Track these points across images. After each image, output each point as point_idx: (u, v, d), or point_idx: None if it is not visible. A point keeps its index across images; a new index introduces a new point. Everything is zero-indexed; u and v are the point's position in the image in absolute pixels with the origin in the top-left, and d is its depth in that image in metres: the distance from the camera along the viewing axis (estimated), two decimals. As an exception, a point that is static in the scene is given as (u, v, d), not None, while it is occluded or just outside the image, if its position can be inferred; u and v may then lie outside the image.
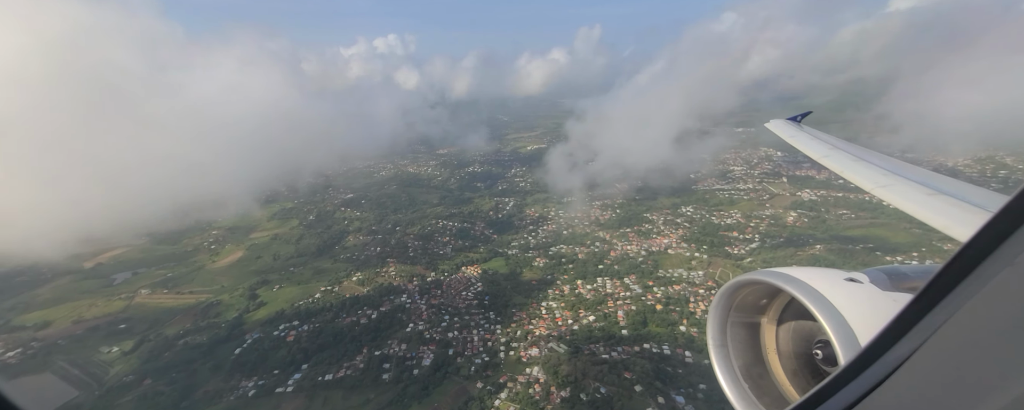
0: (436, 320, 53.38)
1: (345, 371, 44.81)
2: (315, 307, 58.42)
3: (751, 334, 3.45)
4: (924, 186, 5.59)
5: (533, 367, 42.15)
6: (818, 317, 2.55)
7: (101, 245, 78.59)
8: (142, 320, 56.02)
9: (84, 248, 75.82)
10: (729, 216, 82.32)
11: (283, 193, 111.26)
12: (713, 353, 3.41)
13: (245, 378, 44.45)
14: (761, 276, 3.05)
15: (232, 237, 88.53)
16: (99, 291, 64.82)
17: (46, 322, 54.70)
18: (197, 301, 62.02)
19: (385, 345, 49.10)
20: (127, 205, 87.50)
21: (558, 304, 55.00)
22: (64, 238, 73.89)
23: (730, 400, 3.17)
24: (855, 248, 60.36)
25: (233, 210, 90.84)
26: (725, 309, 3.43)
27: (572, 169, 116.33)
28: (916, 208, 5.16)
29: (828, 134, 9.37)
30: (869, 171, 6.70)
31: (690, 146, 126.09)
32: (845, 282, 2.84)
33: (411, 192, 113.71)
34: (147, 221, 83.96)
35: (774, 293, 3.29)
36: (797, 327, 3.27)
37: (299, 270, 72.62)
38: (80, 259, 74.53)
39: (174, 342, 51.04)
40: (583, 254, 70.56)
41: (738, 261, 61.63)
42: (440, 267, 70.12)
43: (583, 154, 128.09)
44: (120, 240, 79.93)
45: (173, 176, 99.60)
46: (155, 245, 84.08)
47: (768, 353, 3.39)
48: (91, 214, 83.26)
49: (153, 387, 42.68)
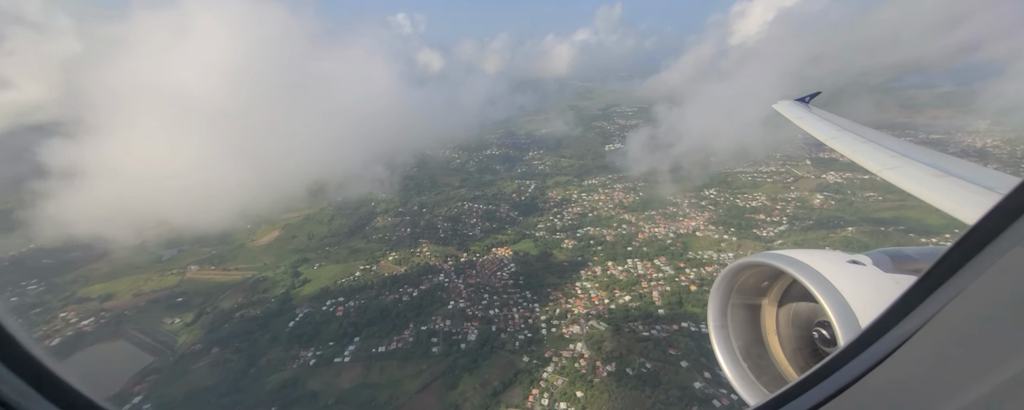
0: (476, 298, 55.81)
1: (396, 344, 47.66)
2: (357, 284, 61.21)
3: (752, 315, 3.49)
4: (933, 168, 5.56)
5: (576, 343, 44.52)
6: (819, 298, 2.59)
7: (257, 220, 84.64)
8: (196, 294, 59.35)
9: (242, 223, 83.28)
10: (754, 199, 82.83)
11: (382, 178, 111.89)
12: (713, 334, 3.46)
13: (303, 348, 47.54)
14: (763, 258, 3.09)
15: (266, 218, 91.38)
16: (151, 266, 68.30)
17: (109, 294, 58.27)
18: (243, 277, 65.18)
19: (430, 321, 51.77)
20: (279, 184, 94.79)
21: (592, 284, 57.01)
22: (229, 213, 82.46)
23: (729, 379, 3.26)
24: (888, 230, 60.98)
25: (354, 192, 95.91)
26: (726, 291, 3.47)
27: (653, 153, 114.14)
28: (924, 190, 5.15)
29: (837, 115, 9.35)
30: (877, 153, 6.66)
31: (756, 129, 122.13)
32: (848, 264, 2.87)
33: (432, 174, 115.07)
34: (288, 200, 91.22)
35: (776, 275, 3.31)
36: (798, 309, 3.31)
37: (335, 249, 75.28)
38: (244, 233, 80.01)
39: (231, 315, 54.28)
40: (611, 236, 72.07)
41: (768, 243, 62.80)
42: (471, 248, 72.23)
43: (666, 138, 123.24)
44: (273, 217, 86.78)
45: (310, 159, 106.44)
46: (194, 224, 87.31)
47: (768, 334, 3.42)
48: (253, 192, 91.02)
49: (221, 355, 46.01)
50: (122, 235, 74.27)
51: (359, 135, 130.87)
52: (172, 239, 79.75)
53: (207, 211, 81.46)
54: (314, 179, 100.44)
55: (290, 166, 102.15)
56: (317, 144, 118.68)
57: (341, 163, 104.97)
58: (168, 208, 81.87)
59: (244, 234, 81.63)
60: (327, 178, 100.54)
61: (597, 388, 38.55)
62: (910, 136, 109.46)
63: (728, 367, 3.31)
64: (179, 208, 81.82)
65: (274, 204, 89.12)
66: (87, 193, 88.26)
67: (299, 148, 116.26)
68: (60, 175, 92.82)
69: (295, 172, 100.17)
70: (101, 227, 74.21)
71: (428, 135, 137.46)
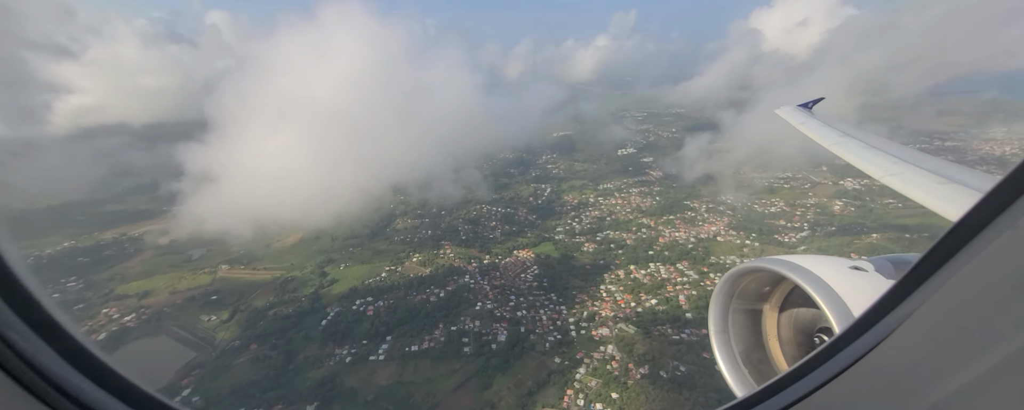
0: (502, 300, 56.88)
1: (428, 343, 48.81)
2: (384, 285, 62.51)
3: (753, 321, 3.50)
4: (935, 175, 5.54)
5: (607, 345, 45.40)
6: (821, 304, 2.59)
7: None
8: (230, 292, 60.93)
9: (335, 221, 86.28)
10: (772, 205, 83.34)
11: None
12: (714, 339, 3.46)
13: (338, 346, 48.81)
14: (765, 264, 3.11)
15: (357, 216, 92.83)
16: (182, 265, 70.10)
17: (146, 292, 60.02)
18: (272, 277, 66.74)
19: (459, 321, 52.88)
20: (367, 185, 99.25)
21: (617, 287, 57.87)
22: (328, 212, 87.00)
23: (730, 384, 3.26)
24: (913, 237, 61.32)
25: (436, 192, 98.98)
26: (727, 296, 3.47)
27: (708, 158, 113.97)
28: (926, 197, 5.17)
29: (840, 121, 9.33)
30: (880, 159, 6.63)
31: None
32: (850, 270, 2.87)
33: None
34: (375, 200, 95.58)
35: (777, 281, 3.33)
36: (799, 315, 3.30)
37: (358, 250, 76.72)
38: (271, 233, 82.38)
39: (264, 313, 55.76)
40: (631, 240, 72.92)
41: (791, 249, 63.31)
42: (493, 250, 73.39)
43: (725, 144, 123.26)
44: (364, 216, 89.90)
45: (395, 160, 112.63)
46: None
47: (769, 339, 3.43)
48: (349, 192, 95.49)
49: (260, 351, 47.40)
50: (241, 230, 79.28)
51: (429, 138, 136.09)
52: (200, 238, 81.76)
53: (308, 209, 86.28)
54: (398, 179, 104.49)
55: (379, 167, 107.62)
56: (400, 146, 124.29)
57: (420, 164, 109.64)
58: (278, 207, 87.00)
59: (271, 235, 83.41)
60: (409, 178, 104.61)
61: (632, 390, 39.37)
62: (925, 143, 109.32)
63: (729, 372, 3.30)
64: (285, 207, 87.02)
65: (365, 203, 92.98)
66: (216, 192, 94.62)
67: (386, 150, 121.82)
68: (194, 176, 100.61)
69: (381, 173, 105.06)
70: (225, 223, 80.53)
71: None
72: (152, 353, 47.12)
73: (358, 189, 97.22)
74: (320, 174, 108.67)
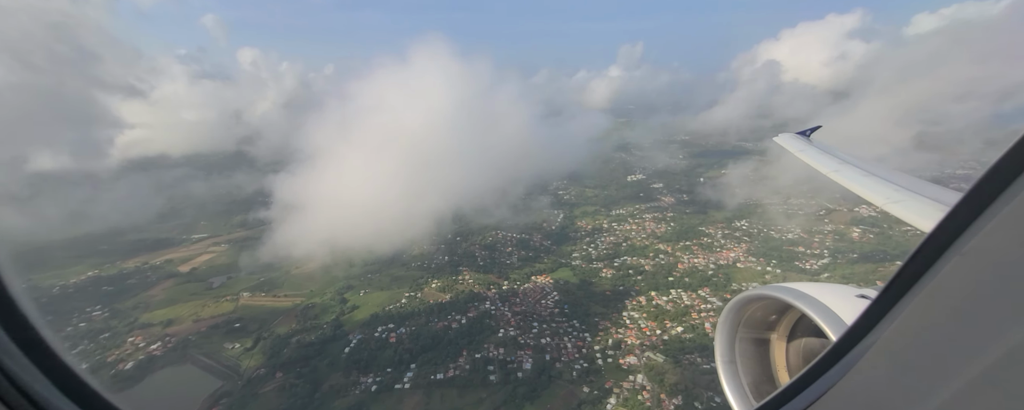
0: (525, 327, 56.56)
1: (453, 371, 48.34)
2: (405, 311, 62.52)
3: (761, 350, 3.37)
4: (937, 202, 5.50)
5: (636, 375, 44.73)
6: (830, 335, 2.52)
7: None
8: (252, 320, 61.17)
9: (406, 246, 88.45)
10: (789, 231, 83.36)
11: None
12: (721, 369, 3.33)
13: (362, 374, 48.45)
14: (770, 291, 3.05)
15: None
16: (204, 293, 70.72)
17: (170, 320, 60.42)
18: (293, 304, 67.06)
19: (482, 348, 52.49)
20: (432, 211, 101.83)
21: (640, 314, 57.48)
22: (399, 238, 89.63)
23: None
24: None
25: (496, 216, 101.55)
26: (733, 324, 3.37)
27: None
28: (929, 224, 5.24)
29: (837, 149, 9.40)
30: (880, 186, 6.61)
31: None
32: (857, 299, 2.81)
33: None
34: (437, 224, 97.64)
35: (783, 309, 3.24)
36: (808, 344, 3.18)
37: (376, 276, 77.15)
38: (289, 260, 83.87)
39: (287, 340, 55.74)
40: (649, 266, 72.89)
41: (814, 276, 62.93)
42: (511, 276, 73.55)
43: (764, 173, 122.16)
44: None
45: (453, 187, 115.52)
46: (237, 251, 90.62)
47: (778, 370, 3.29)
48: (414, 219, 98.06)
49: (286, 380, 47.15)
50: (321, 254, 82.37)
51: (482, 166, 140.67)
52: (219, 265, 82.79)
53: (380, 235, 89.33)
54: (457, 205, 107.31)
55: (441, 193, 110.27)
56: (460, 174, 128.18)
57: (474, 191, 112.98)
58: (352, 234, 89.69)
59: (289, 262, 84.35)
60: (465, 204, 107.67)
61: (666, 420, 38.57)
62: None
63: (737, 405, 3.18)
64: (359, 233, 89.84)
65: (428, 229, 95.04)
66: (302, 219, 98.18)
67: (447, 178, 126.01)
68: (281, 205, 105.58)
69: (444, 199, 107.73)
70: (307, 247, 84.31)
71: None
72: (179, 382, 47.01)
73: (420, 215, 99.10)
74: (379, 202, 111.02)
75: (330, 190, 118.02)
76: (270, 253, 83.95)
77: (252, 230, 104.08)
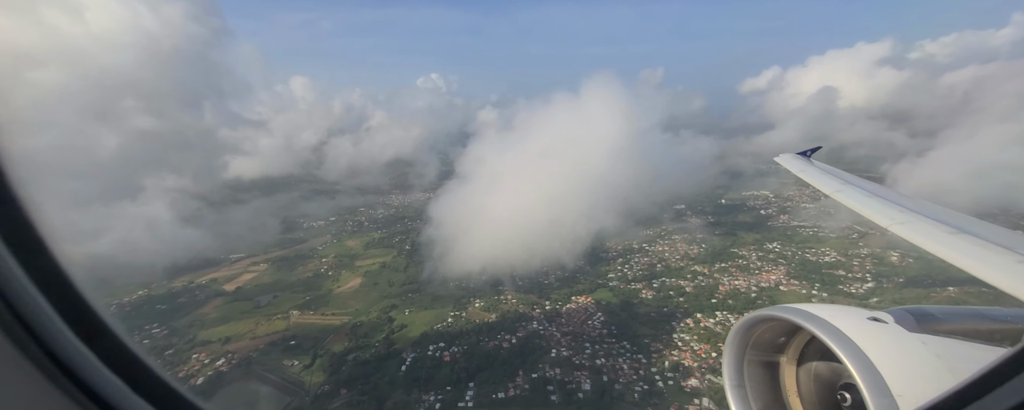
0: (577, 347, 57.23)
1: (513, 391, 48.99)
2: (453, 330, 63.59)
3: (770, 374, 3.31)
4: (944, 224, 5.34)
5: (702, 398, 45.04)
6: (842, 358, 2.47)
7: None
8: (305, 338, 62.57)
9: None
10: (825, 254, 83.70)
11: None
12: (730, 394, 3.26)
13: (424, 393, 49.25)
14: (778, 312, 3.00)
15: (341, 264, 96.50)
16: (253, 312, 72.55)
17: (227, 337, 62.08)
18: (341, 322, 68.45)
19: (538, 368, 53.15)
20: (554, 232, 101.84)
21: (690, 336, 57.95)
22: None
23: None
24: (995, 293, 60.12)
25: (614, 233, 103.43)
26: (741, 346, 3.31)
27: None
28: (937, 247, 4.98)
29: (839, 169, 9.36)
30: (885, 207, 6.45)
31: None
32: (868, 322, 2.76)
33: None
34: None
35: (792, 331, 3.18)
36: (819, 368, 3.12)
37: (417, 296, 78.52)
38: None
39: (343, 358, 56.91)
40: (690, 287, 73.50)
41: (863, 301, 63.11)
42: (551, 296, 74.51)
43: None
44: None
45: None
46: (277, 272, 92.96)
47: (789, 395, 3.23)
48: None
49: (351, 397, 48.12)
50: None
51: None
52: (263, 284, 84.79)
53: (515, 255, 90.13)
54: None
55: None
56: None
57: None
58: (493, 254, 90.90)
59: (329, 281, 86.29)
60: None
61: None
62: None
63: None
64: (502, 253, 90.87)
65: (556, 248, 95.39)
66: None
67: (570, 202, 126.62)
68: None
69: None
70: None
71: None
72: (249, 397, 48.21)
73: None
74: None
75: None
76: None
77: (288, 249, 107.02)
